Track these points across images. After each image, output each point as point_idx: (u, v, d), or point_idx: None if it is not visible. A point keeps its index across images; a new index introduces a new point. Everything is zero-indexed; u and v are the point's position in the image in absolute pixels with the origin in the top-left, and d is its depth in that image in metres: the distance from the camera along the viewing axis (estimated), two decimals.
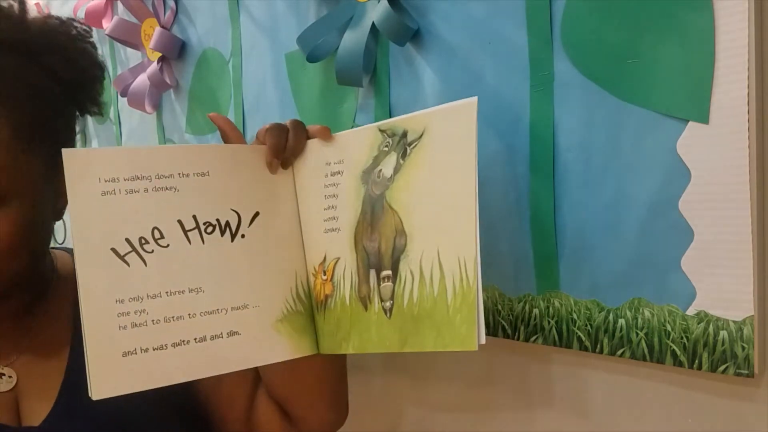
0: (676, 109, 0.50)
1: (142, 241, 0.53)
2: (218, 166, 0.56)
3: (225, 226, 0.55)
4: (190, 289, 0.53)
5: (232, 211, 0.56)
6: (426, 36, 0.68)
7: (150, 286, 0.52)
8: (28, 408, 0.60)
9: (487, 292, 0.65)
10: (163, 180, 0.53)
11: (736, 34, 0.46)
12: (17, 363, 0.62)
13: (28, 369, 0.62)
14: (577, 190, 0.57)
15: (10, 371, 0.61)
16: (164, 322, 0.52)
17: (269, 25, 0.90)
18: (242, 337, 0.55)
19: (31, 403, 0.61)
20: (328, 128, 0.61)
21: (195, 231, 0.54)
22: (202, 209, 0.55)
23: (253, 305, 0.55)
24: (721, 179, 0.48)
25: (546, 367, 0.62)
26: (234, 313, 0.55)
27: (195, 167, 0.55)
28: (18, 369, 0.62)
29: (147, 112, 1.20)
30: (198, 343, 0.53)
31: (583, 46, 0.55)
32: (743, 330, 0.48)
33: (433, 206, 0.51)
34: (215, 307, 0.54)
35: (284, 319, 0.57)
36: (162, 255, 0.53)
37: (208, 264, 0.54)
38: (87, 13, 1.28)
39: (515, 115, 0.61)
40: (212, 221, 0.55)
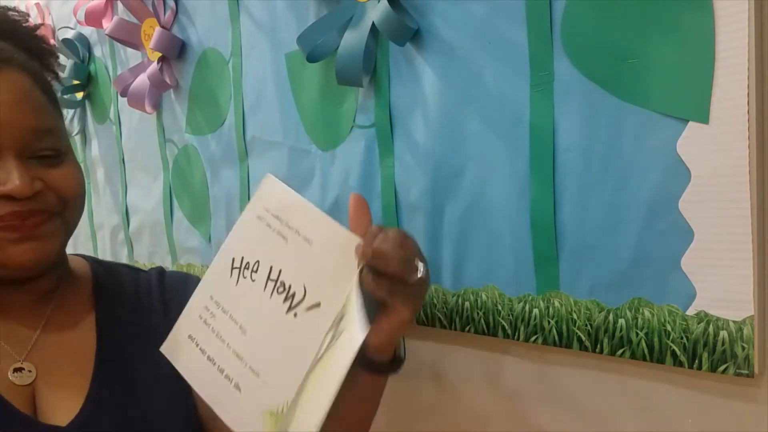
0: (676, 109, 0.50)
1: (247, 264, 0.58)
2: (321, 241, 0.56)
3: (290, 296, 0.56)
4: (242, 326, 0.57)
5: (302, 287, 0.56)
6: (426, 36, 0.68)
7: (228, 301, 0.59)
8: (47, 405, 0.60)
9: (487, 292, 0.65)
10: (285, 228, 0.57)
11: (736, 34, 0.46)
12: (36, 357, 0.61)
13: (48, 365, 0.61)
14: (577, 190, 0.57)
15: (30, 365, 0.61)
16: (215, 334, 0.58)
17: (269, 25, 0.90)
18: (238, 398, 0.56)
19: (51, 400, 0.60)
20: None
21: (272, 283, 0.57)
22: (287, 269, 0.57)
23: (263, 379, 0.55)
24: (721, 179, 0.48)
25: (546, 367, 0.62)
26: (248, 371, 0.56)
27: (307, 231, 0.56)
28: (37, 363, 0.61)
29: (147, 112, 1.20)
30: (217, 370, 0.57)
31: (583, 46, 0.55)
32: (743, 330, 0.48)
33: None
34: (242, 355, 0.56)
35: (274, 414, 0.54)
36: (247, 284, 0.58)
37: (260, 317, 0.57)
38: (87, 13, 1.28)
39: (515, 115, 0.61)
40: (286, 284, 0.56)
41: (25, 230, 0.57)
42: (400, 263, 0.51)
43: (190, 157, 1.12)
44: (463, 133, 0.66)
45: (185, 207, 1.17)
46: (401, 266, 0.51)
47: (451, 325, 0.69)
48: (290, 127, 0.89)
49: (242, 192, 1.00)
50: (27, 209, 0.57)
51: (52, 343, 0.63)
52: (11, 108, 0.56)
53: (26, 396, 0.60)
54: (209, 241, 1.10)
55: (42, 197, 0.58)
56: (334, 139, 0.81)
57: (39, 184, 0.58)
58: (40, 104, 0.59)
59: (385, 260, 0.51)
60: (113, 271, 0.72)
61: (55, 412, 0.60)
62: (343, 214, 0.81)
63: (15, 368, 0.60)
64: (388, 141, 0.74)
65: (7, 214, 0.56)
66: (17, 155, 0.57)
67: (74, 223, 0.63)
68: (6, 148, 0.56)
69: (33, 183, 0.57)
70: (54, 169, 0.59)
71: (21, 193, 0.56)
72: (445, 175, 0.68)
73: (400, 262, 0.51)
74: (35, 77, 0.61)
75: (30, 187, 0.56)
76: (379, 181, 0.75)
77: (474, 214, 0.66)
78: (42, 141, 0.58)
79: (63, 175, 0.60)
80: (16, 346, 0.61)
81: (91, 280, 0.69)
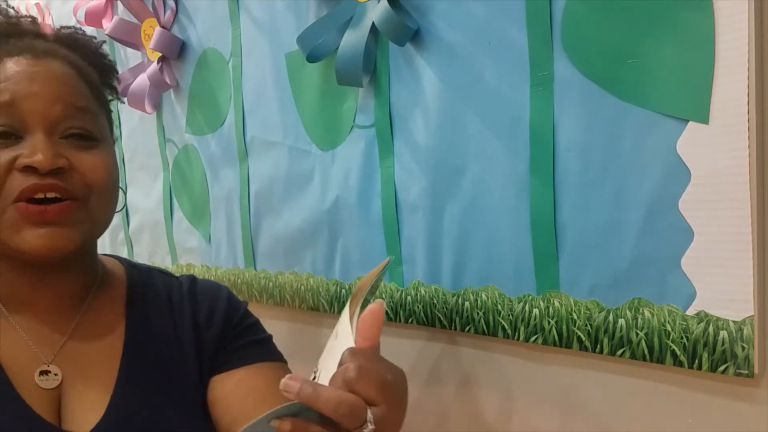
0: (676, 109, 0.50)
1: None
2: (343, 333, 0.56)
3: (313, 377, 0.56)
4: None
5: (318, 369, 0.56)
6: (426, 36, 0.68)
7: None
8: (71, 411, 0.59)
9: (487, 292, 0.65)
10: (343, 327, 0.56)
11: (736, 34, 0.46)
12: (63, 360, 0.61)
13: (74, 369, 0.61)
14: (577, 190, 0.57)
15: (56, 369, 0.60)
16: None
17: (269, 25, 0.90)
18: None
19: (76, 406, 0.59)
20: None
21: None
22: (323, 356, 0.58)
23: None
24: (721, 179, 0.48)
25: (546, 367, 0.62)
26: None
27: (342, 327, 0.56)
28: (64, 367, 0.60)
29: (147, 112, 1.20)
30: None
31: (583, 46, 0.55)
32: (743, 330, 0.48)
33: None
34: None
35: None
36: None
37: None
38: (87, 13, 1.28)
39: (515, 115, 0.61)
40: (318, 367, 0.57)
41: (47, 217, 0.56)
42: (335, 409, 0.44)
43: (190, 157, 1.12)
44: (463, 133, 0.66)
45: (185, 207, 1.17)
46: (335, 413, 0.44)
47: (451, 325, 0.69)
48: (290, 127, 0.89)
49: (242, 192, 1.00)
50: (47, 183, 0.56)
51: (81, 347, 0.62)
52: (44, 85, 0.57)
53: (51, 400, 0.59)
54: (209, 241, 1.10)
55: (66, 177, 0.57)
56: (334, 139, 0.81)
57: (63, 161, 0.57)
58: (77, 86, 0.60)
59: (317, 403, 0.44)
60: (147, 277, 0.71)
61: (79, 418, 0.59)
62: (343, 214, 0.82)
63: (42, 371, 0.59)
64: (388, 141, 0.74)
65: (28, 186, 0.55)
66: (46, 131, 0.57)
67: (102, 216, 0.61)
68: (36, 124, 0.57)
69: (57, 158, 0.56)
70: (84, 152, 0.59)
71: (42, 165, 0.55)
72: (445, 175, 0.68)
73: (336, 407, 0.44)
74: (79, 71, 0.62)
75: (52, 161, 0.56)
76: (379, 181, 0.75)
77: (474, 214, 0.66)
78: (73, 119, 0.59)
79: (91, 160, 0.59)
80: (45, 348, 0.61)
81: (126, 285, 0.69)
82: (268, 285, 0.97)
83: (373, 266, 0.78)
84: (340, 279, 0.84)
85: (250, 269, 1.01)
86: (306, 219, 0.88)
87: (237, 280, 1.04)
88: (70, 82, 0.60)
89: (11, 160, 0.56)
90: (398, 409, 0.49)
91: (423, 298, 0.72)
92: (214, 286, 0.73)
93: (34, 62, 0.59)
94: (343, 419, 0.44)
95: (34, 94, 0.57)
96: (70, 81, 0.60)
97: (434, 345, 0.73)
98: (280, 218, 0.93)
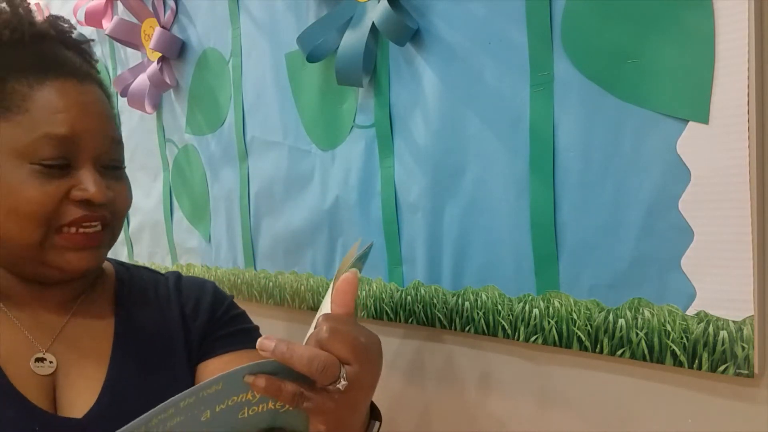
0: (676, 109, 0.50)
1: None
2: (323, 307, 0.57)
3: None
4: None
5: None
6: (426, 36, 0.68)
7: None
8: (66, 397, 0.61)
9: (487, 292, 0.65)
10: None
11: (736, 34, 0.46)
12: (58, 350, 0.63)
13: (68, 357, 0.63)
14: (577, 190, 0.57)
15: (51, 356, 0.62)
16: None
17: (269, 25, 0.90)
18: None
19: (70, 392, 0.61)
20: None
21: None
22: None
23: None
24: (721, 179, 0.48)
25: (546, 367, 0.62)
26: None
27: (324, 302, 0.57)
28: (58, 356, 0.63)
29: (147, 112, 1.20)
30: None
31: (583, 46, 0.55)
32: (743, 330, 0.48)
33: None
34: None
35: None
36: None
37: None
38: (87, 13, 1.28)
39: (515, 115, 0.61)
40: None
41: (89, 243, 0.61)
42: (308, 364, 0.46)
43: (190, 157, 1.12)
44: (463, 133, 0.66)
45: (185, 207, 1.17)
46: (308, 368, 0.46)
47: (451, 325, 0.69)
48: (290, 127, 0.89)
49: (242, 192, 1.00)
50: (98, 215, 0.60)
51: (74, 337, 0.64)
52: (96, 118, 0.61)
53: (46, 387, 0.61)
54: (209, 241, 1.10)
55: (108, 207, 0.62)
56: (334, 139, 0.81)
57: (111, 194, 0.61)
58: (111, 115, 0.64)
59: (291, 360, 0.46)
60: (134, 273, 0.74)
61: (73, 404, 0.61)
62: (342, 214, 0.82)
63: (37, 358, 0.61)
64: (388, 141, 0.74)
65: (81, 217, 0.59)
66: (94, 164, 0.61)
67: (118, 235, 0.66)
68: (87, 156, 0.60)
69: (107, 191, 0.61)
70: (116, 181, 0.63)
71: (98, 200, 0.59)
72: (445, 175, 0.68)
73: (309, 362, 0.46)
74: (106, 92, 0.65)
75: (105, 194, 0.60)
76: (379, 181, 0.75)
77: (474, 214, 0.66)
78: (114, 152, 0.63)
79: (121, 189, 0.64)
80: (40, 337, 0.63)
81: (114, 281, 0.71)
82: (268, 285, 0.97)
83: (373, 265, 0.78)
84: None
85: (250, 269, 1.01)
86: (306, 219, 0.88)
87: (237, 280, 1.04)
88: (107, 111, 0.63)
89: (65, 191, 0.59)
90: (371, 368, 0.51)
91: (423, 298, 0.72)
92: (199, 280, 0.76)
93: (80, 89, 0.61)
94: (317, 375, 0.46)
95: (90, 130, 0.60)
96: (107, 110, 0.63)
97: (434, 345, 0.73)
98: (280, 218, 0.93)
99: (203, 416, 0.45)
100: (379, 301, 0.78)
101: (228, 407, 0.46)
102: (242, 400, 0.46)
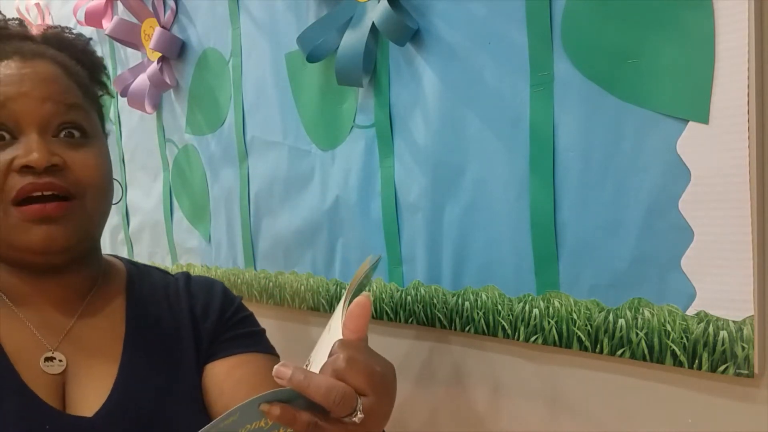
0: (676, 109, 0.50)
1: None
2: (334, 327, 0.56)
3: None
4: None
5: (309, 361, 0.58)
6: (426, 36, 0.68)
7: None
8: (76, 396, 0.61)
9: (487, 292, 0.65)
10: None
11: (736, 34, 0.46)
12: (67, 348, 0.63)
13: (78, 356, 0.63)
14: (577, 190, 0.57)
15: (61, 355, 0.62)
16: None
17: (269, 25, 0.90)
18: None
19: (80, 391, 0.61)
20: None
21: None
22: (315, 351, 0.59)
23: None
24: (721, 179, 0.48)
25: (546, 367, 0.62)
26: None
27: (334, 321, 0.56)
28: (68, 354, 0.62)
29: (147, 112, 1.20)
30: None
31: (583, 46, 0.55)
32: (743, 330, 0.48)
33: None
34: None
35: None
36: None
37: None
38: (87, 13, 1.28)
39: (515, 115, 0.61)
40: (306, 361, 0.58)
41: (46, 212, 0.58)
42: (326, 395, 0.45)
43: (190, 157, 1.12)
44: (463, 133, 0.65)
45: (185, 207, 1.17)
46: (326, 399, 0.45)
47: (451, 325, 0.69)
48: (290, 127, 0.89)
49: (242, 192, 1.00)
50: (43, 181, 0.58)
51: (84, 335, 0.64)
52: (33, 85, 0.59)
53: (56, 386, 0.61)
54: (209, 241, 1.10)
55: (61, 174, 0.59)
56: (334, 139, 0.81)
57: (57, 158, 0.59)
58: (65, 84, 0.62)
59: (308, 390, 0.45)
60: (145, 272, 0.74)
61: (83, 403, 0.61)
62: (342, 214, 0.82)
63: (46, 357, 0.61)
64: (388, 141, 0.74)
65: (25, 186, 0.57)
66: (39, 131, 0.59)
67: (98, 211, 0.63)
68: (28, 124, 0.58)
69: (51, 156, 0.58)
70: (76, 150, 0.61)
71: (38, 164, 0.57)
72: (445, 175, 0.68)
73: (327, 393, 0.45)
74: (67, 69, 0.63)
75: (46, 158, 0.57)
76: (379, 181, 0.75)
77: (474, 214, 0.65)
78: (64, 115, 0.60)
79: (84, 158, 0.61)
80: (50, 335, 0.63)
81: (125, 279, 0.71)
82: (268, 285, 0.97)
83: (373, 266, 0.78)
84: (340, 279, 0.84)
85: (250, 269, 1.01)
86: (306, 219, 0.88)
87: (237, 280, 1.04)
88: (59, 80, 0.61)
89: (8, 162, 0.57)
90: (387, 400, 0.50)
91: (423, 298, 0.72)
92: (209, 281, 0.76)
93: (22, 64, 0.60)
94: (333, 406, 0.45)
95: (24, 94, 0.58)
96: (58, 80, 0.61)
97: (434, 345, 0.73)
98: (280, 218, 0.93)
99: None
100: (379, 301, 0.78)
101: None
102: (255, 428, 0.46)
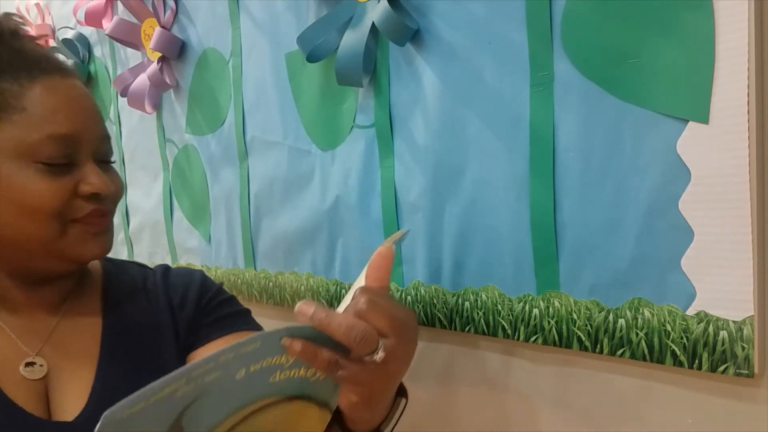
0: (676, 109, 0.50)
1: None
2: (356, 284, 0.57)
3: None
4: None
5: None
6: (426, 36, 0.68)
7: None
8: (58, 400, 0.61)
9: (487, 292, 0.65)
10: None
11: (736, 34, 0.46)
12: (47, 352, 0.63)
13: (58, 359, 0.62)
14: (577, 190, 0.57)
15: (41, 360, 0.62)
16: None
17: (269, 25, 0.90)
18: None
19: (62, 395, 0.61)
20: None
21: None
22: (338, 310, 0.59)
23: None
24: (721, 179, 0.48)
25: (546, 367, 0.62)
26: None
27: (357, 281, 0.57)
28: (48, 358, 0.62)
29: (147, 112, 1.20)
30: None
31: (583, 46, 0.55)
32: (743, 330, 0.48)
33: None
34: None
35: None
36: None
37: None
38: (87, 13, 1.28)
39: (515, 115, 0.61)
40: None
41: (102, 226, 0.64)
42: (347, 333, 0.45)
43: (190, 157, 1.12)
44: (463, 133, 0.65)
45: (185, 207, 1.17)
46: (347, 337, 0.46)
47: (451, 325, 0.69)
48: (290, 127, 0.89)
49: (242, 192, 1.00)
50: (106, 208, 0.64)
51: (63, 337, 0.64)
52: (90, 116, 0.63)
53: (38, 391, 0.60)
54: (209, 241, 1.10)
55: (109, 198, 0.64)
56: (334, 139, 0.81)
57: (113, 186, 0.64)
58: (100, 111, 0.66)
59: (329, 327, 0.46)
60: (122, 269, 0.73)
61: (65, 407, 0.60)
62: (342, 214, 0.82)
63: (27, 362, 0.61)
64: (388, 141, 0.74)
65: (92, 211, 0.62)
66: (94, 159, 0.63)
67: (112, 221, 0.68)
68: (87, 153, 0.62)
69: (110, 184, 0.63)
70: (110, 173, 0.66)
71: (105, 192, 0.62)
72: (445, 175, 0.68)
73: (348, 331, 0.46)
74: (84, 83, 0.67)
75: (109, 187, 0.63)
76: (379, 181, 0.75)
77: (474, 214, 0.65)
78: (106, 147, 0.65)
79: (116, 179, 0.66)
80: (30, 340, 0.63)
81: (102, 277, 0.71)
82: (268, 285, 0.97)
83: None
84: (340, 279, 0.84)
85: (250, 269, 1.01)
86: (306, 219, 0.88)
87: (237, 280, 1.04)
88: (97, 108, 0.65)
89: (72, 188, 0.61)
90: (408, 342, 0.51)
91: (423, 298, 0.72)
92: (188, 271, 0.76)
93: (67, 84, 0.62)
94: (354, 344, 0.46)
95: (88, 128, 0.62)
96: (97, 108, 0.65)
97: (434, 345, 0.73)
98: (280, 218, 0.93)
99: (238, 374, 0.44)
100: None
101: (262, 368, 0.45)
102: (275, 363, 0.46)
